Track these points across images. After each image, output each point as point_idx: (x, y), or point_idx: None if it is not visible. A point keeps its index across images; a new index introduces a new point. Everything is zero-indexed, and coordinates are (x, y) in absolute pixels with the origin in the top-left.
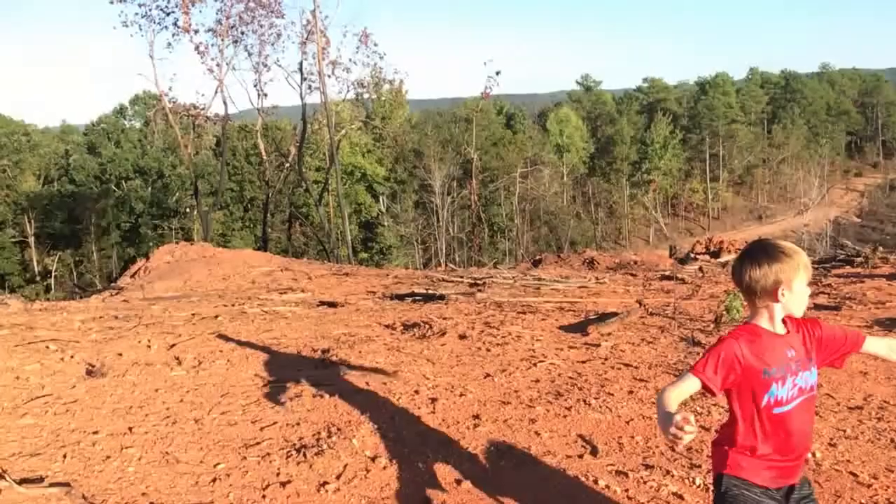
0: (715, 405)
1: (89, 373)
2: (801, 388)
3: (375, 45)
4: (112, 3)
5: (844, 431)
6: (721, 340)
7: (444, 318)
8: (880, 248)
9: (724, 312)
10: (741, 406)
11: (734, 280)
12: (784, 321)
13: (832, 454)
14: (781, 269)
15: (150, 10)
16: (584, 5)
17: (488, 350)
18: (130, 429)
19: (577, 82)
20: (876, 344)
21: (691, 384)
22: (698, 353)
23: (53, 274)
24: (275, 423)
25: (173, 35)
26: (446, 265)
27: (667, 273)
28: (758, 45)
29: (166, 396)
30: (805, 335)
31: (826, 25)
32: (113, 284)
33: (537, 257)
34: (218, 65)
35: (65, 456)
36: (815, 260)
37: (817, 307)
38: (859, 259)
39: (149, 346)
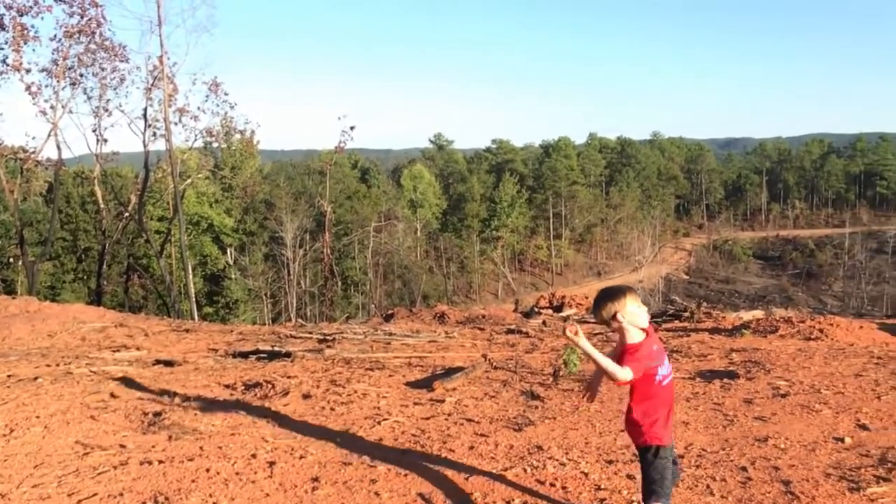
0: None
1: None
2: (670, 370)
3: (226, 94)
4: None
5: None
6: (637, 349)
7: (289, 377)
8: (704, 304)
9: (563, 366)
10: (648, 384)
11: (595, 318)
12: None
13: None
14: (613, 303)
15: None
16: (436, 65)
17: (332, 409)
18: None
19: (431, 140)
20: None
21: (622, 371)
22: (537, 407)
23: None
24: (94, 494)
25: (0, 73)
26: (296, 320)
27: (512, 327)
28: (596, 111)
29: None
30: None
31: (656, 95)
32: None
33: (390, 311)
34: (52, 107)
35: None
36: (649, 315)
37: None
38: (686, 314)
39: None
